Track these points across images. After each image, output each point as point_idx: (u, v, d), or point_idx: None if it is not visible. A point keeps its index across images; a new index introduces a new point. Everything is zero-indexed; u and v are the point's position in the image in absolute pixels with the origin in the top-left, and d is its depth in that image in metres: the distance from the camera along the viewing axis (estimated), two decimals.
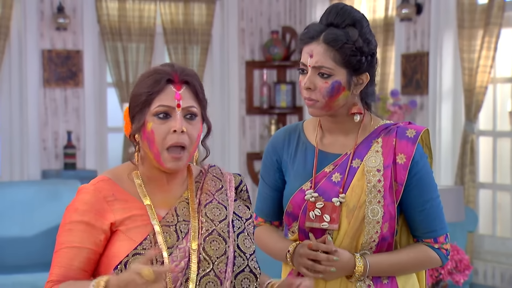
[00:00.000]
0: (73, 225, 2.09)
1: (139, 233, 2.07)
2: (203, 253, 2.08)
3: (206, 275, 2.07)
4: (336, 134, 2.43)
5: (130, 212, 2.10)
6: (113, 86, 7.54)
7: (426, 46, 6.69)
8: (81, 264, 2.09)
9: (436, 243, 2.43)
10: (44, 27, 7.27)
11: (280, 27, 8.10)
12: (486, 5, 6.17)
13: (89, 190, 2.12)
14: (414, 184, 2.37)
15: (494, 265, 6.33)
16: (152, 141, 2.08)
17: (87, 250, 2.08)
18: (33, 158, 7.25)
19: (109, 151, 7.68)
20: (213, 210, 2.15)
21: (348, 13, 2.36)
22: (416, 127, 2.42)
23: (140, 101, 2.09)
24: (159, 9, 7.63)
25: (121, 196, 2.12)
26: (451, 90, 6.57)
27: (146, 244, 2.06)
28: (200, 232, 2.11)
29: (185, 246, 2.08)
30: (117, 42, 7.47)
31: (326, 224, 2.36)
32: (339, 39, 2.32)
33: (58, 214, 6.28)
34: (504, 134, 6.48)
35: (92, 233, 2.08)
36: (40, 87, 7.28)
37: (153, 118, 2.09)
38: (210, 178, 2.21)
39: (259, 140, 8.09)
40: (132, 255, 2.05)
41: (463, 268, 4.07)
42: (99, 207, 2.09)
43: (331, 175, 2.39)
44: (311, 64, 2.34)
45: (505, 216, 6.55)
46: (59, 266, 2.09)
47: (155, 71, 2.11)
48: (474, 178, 6.32)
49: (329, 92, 2.34)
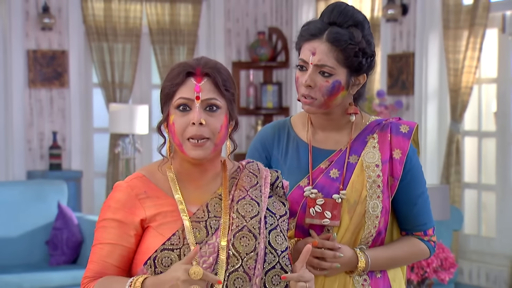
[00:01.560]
0: (106, 222, 2.13)
1: (169, 228, 2.09)
2: (232, 249, 2.09)
3: (235, 271, 2.08)
4: (328, 131, 2.45)
5: (161, 208, 2.12)
6: (98, 86, 7.52)
7: (411, 47, 6.71)
8: (115, 262, 2.12)
9: (426, 235, 2.47)
10: (29, 27, 7.24)
11: (267, 27, 8.11)
12: (471, 6, 6.19)
13: (123, 187, 2.15)
14: (408, 179, 2.41)
15: (479, 264, 6.35)
16: (174, 133, 2.12)
17: (120, 247, 2.12)
18: (18, 159, 7.22)
19: (95, 152, 7.66)
20: (245, 207, 2.15)
21: (352, 13, 2.37)
22: (408, 122, 2.46)
23: (164, 93, 2.14)
24: (145, 10, 7.62)
25: (153, 193, 2.14)
26: (436, 91, 6.60)
27: (175, 240, 2.08)
28: (231, 228, 2.12)
29: (215, 242, 2.09)
30: (103, 42, 7.45)
31: (328, 221, 2.37)
32: (343, 39, 2.33)
33: (43, 215, 6.27)
34: (489, 134, 6.51)
35: (124, 231, 2.12)
36: (25, 88, 7.25)
37: (175, 110, 2.12)
38: (246, 174, 2.22)
39: (245, 140, 8.10)
40: (161, 251, 2.07)
41: (448, 266, 4.09)
42: (130, 205, 2.12)
43: (328, 171, 2.40)
44: (313, 62, 2.34)
45: (490, 216, 6.57)
46: (94, 262, 2.13)
47: (179, 65, 2.15)
48: (460, 178, 6.35)
49: (329, 91, 2.35)
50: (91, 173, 7.63)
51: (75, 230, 6.21)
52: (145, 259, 2.09)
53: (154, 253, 2.07)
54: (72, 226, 6.21)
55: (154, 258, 2.07)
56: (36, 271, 5.99)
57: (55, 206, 6.31)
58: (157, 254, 2.07)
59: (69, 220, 6.23)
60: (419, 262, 4.14)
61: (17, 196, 6.26)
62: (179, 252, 2.06)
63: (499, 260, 6.30)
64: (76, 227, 6.22)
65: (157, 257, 2.07)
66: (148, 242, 2.10)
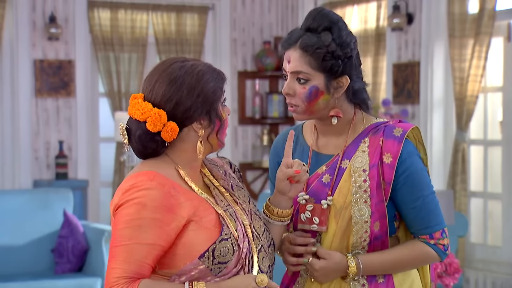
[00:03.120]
0: (144, 221, 2.10)
1: (210, 221, 2.16)
2: (255, 232, 2.23)
3: (259, 252, 2.22)
4: (328, 135, 2.46)
5: (194, 203, 2.16)
6: (105, 96, 7.55)
7: (417, 56, 6.72)
8: (152, 262, 2.11)
9: (432, 239, 2.42)
10: (36, 37, 7.28)
11: (272, 37, 8.13)
12: (477, 15, 6.20)
13: (153, 185, 2.12)
14: (402, 183, 2.38)
15: (485, 273, 6.34)
16: (226, 126, 2.28)
17: (159, 247, 2.11)
18: (24, 168, 7.24)
19: (101, 161, 7.67)
20: (239, 192, 2.31)
21: (325, 17, 2.37)
22: (404, 125, 2.42)
23: (215, 97, 2.22)
24: (151, 19, 7.65)
25: (179, 189, 2.16)
26: (442, 99, 6.60)
27: (226, 230, 2.16)
28: (246, 213, 2.26)
29: (241, 228, 2.20)
30: (109, 52, 7.48)
31: (315, 226, 2.38)
32: (311, 44, 2.35)
33: (49, 223, 6.28)
34: (495, 143, 6.50)
35: (165, 230, 2.11)
36: (32, 97, 7.28)
37: (222, 106, 2.25)
38: (211, 168, 2.33)
39: (251, 150, 8.10)
40: (219, 241, 2.13)
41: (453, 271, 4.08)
42: (168, 203, 2.12)
43: (322, 177, 2.41)
44: (289, 69, 2.37)
45: (496, 225, 6.56)
46: (129, 262, 2.09)
47: (213, 69, 2.24)
48: (465, 187, 6.34)
49: (307, 97, 2.36)
50: (97, 182, 7.64)
51: (80, 238, 6.22)
52: (193, 253, 2.11)
53: (212, 245, 2.12)
54: (78, 234, 6.22)
55: (213, 250, 2.12)
56: (41, 279, 6.00)
57: (61, 214, 6.32)
58: (215, 245, 2.12)
59: (75, 228, 6.24)
60: None
61: (23, 204, 6.27)
62: (231, 241, 2.15)
63: (505, 269, 6.28)
64: (81, 235, 6.23)
65: (216, 248, 2.12)
66: (192, 236, 2.12)
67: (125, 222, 2.11)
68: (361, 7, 7.26)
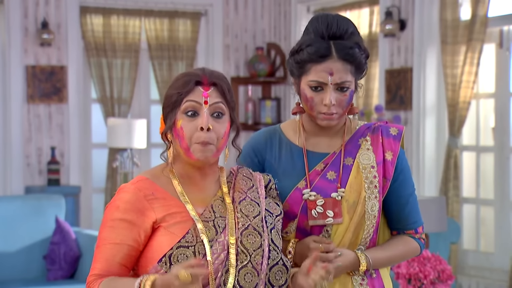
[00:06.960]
0: (115, 222, 2.21)
1: (180, 228, 2.20)
2: (241, 246, 2.22)
3: (244, 267, 2.21)
4: (320, 135, 2.51)
5: (170, 209, 2.22)
6: (97, 102, 7.54)
7: (409, 62, 6.72)
8: (122, 260, 2.21)
9: (417, 233, 2.55)
10: (28, 42, 7.26)
11: (265, 43, 8.13)
12: (469, 21, 6.22)
13: (130, 189, 2.23)
14: (400, 179, 2.49)
15: (478, 280, 6.34)
16: (182, 137, 2.23)
17: (127, 247, 2.21)
18: (16, 174, 7.22)
19: (93, 167, 7.65)
20: (247, 207, 2.29)
21: (345, 21, 2.45)
22: (396, 126, 2.54)
23: (171, 101, 2.25)
24: (144, 25, 7.65)
25: (160, 194, 2.24)
26: (434, 106, 6.60)
27: (189, 237, 2.19)
28: (237, 226, 2.24)
29: (224, 240, 2.21)
30: (101, 58, 7.47)
31: (331, 219, 2.43)
32: (351, 53, 2.41)
33: (41, 229, 6.25)
34: (487, 149, 6.51)
35: (133, 231, 2.20)
36: (24, 103, 7.26)
37: (182, 115, 2.24)
38: (241, 178, 2.36)
39: None
40: (177, 248, 2.18)
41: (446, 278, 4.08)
42: (140, 206, 2.21)
43: (325, 173, 2.46)
44: (333, 82, 2.41)
45: (488, 231, 6.56)
46: (101, 261, 2.21)
47: (186, 74, 2.27)
48: (458, 193, 6.34)
49: (348, 103, 2.45)
50: (90, 188, 7.62)
51: (72, 245, 6.20)
52: (157, 257, 2.19)
53: (169, 251, 2.17)
54: (70, 240, 6.20)
55: (170, 256, 2.17)
56: (33, 285, 5.98)
57: (53, 221, 6.30)
58: (172, 251, 2.17)
59: (67, 235, 6.22)
60: (416, 274, 4.15)
61: (15, 211, 6.25)
62: (194, 249, 2.18)
63: (498, 275, 6.28)
64: (73, 242, 6.21)
65: (173, 254, 2.17)
66: (159, 241, 2.20)
67: (102, 224, 2.25)
68: (354, 13, 7.27)
